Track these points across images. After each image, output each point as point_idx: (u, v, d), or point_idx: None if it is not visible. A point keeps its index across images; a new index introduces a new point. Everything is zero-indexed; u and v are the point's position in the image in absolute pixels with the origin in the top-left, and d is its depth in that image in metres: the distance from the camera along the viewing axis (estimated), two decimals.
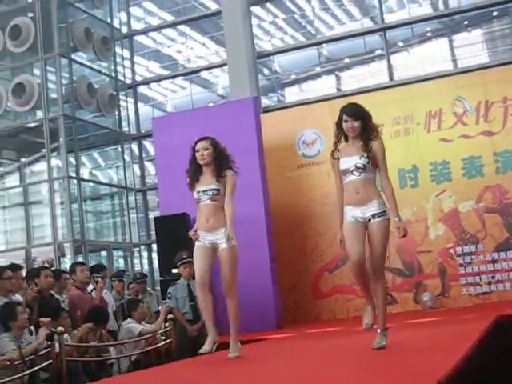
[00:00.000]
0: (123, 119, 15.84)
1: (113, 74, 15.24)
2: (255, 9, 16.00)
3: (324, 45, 16.30)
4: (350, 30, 15.93)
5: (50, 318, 6.30)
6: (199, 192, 6.29)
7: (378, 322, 5.37)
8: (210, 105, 17.94)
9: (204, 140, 6.43)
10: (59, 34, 13.23)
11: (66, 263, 14.28)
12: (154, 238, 12.93)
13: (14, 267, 7.21)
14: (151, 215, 16.49)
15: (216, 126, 11.08)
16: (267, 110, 14.12)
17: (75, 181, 14.03)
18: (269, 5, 16.31)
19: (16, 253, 14.74)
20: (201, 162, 6.32)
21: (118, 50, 15.85)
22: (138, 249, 16.22)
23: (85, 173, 16.58)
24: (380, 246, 5.58)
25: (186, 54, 18.37)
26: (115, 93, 14.67)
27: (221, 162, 6.36)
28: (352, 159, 5.70)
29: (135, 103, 16.66)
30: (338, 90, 16.16)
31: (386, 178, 5.76)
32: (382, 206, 5.66)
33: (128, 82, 16.32)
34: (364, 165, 5.67)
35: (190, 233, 6.33)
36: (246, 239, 9.80)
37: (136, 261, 16.32)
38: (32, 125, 13.95)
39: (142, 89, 17.38)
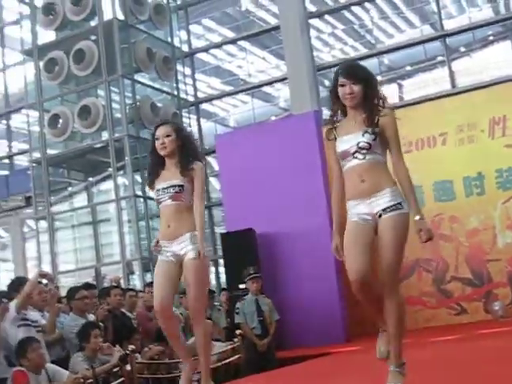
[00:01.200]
0: None
1: (175, 93, 15.43)
2: (314, 21, 16.02)
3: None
4: (410, 37, 15.79)
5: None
6: (159, 190, 5.30)
7: (391, 355, 4.13)
8: (273, 118, 18.00)
9: (165, 125, 5.46)
10: (121, 55, 13.49)
11: (135, 280, 14.51)
12: (220, 253, 13.01)
13: (88, 286, 7.40)
14: (217, 230, 16.62)
15: (277, 141, 11.20)
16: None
17: (142, 199, 14.24)
18: (327, 16, 16.31)
19: (86, 271, 15.07)
20: (161, 152, 5.35)
21: (179, 67, 16.04)
22: None
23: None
24: (393, 251, 4.31)
25: (246, 69, 18.48)
26: (178, 111, 14.86)
27: (187, 151, 5.41)
28: (353, 137, 4.46)
29: (198, 120, 16.82)
30: (401, 98, 16.03)
31: (400, 162, 4.49)
32: (398, 197, 4.39)
33: (190, 99, 16.50)
34: (369, 143, 4.42)
35: (152, 245, 5.37)
36: (312, 253, 9.86)
37: None
38: (98, 145, 14.21)
39: (204, 105, 17.55)
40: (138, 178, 14.47)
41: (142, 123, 13.78)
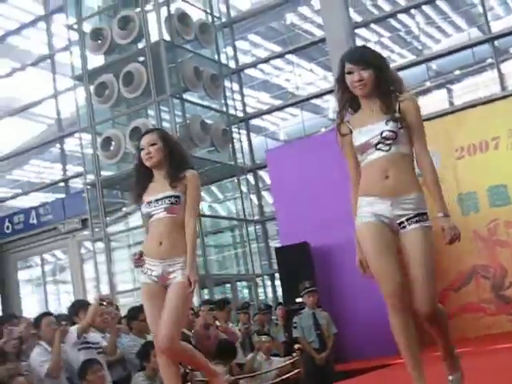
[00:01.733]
0: (237, 151, 16.10)
1: (224, 109, 15.53)
2: (359, 30, 15.99)
3: None
4: (457, 42, 15.64)
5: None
6: (151, 202, 4.75)
7: (447, 366, 3.93)
8: (323, 130, 17.99)
9: (149, 133, 4.95)
10: (169, 75, 13.63)
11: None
12: (275, 267, 13.02)
13: None
14: (272, 244, 16.63)
15: (328, 153, 11.13)
16: None
17: None
18: (373, 25, 16.27)
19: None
20: (147, 163, 4.80)
21: (227, 84, 16.15)
22: (261, 279, 16.36)
23: (204, 206, 16.91)
24: (427, 269, 3.79)
25: (294, 82, 18.52)
26: (228, 127, 14.94)
27: (176, 159, 4.88)
28: (374, 127, 3.92)
29: (248, 135, 16.90)
30: (451, 103, 15.87)
31: (424, 152, 3.96)
32: (423, 205, 3.88)
33: (240, 115, 16.59)
34: (395, 132, 3.88)
35: (134, 258, 4.74)
36: None
37: (260, 290, 16.47)
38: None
39: (253, 120, 17.63)
40: None
41: (193, 141, 13.89)
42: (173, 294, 4.61)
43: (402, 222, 3.84)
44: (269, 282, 16.59)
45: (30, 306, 18.40)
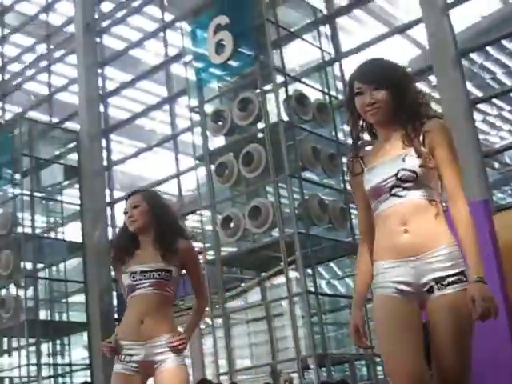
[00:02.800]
0: (355, 228, 16.06)
1: (342, 188, 15.59)
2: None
3: None
4: None
5: None
6: (134, 274, 4.10)
7: None
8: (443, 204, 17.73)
9: (133, 194, 4.34)
10: (288, 155, 13.86)
11: (310, 374, 14.47)
12: None
13: None
14: None
15: None
16: (502, 207, 13.64)
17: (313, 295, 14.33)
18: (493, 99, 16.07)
19: (261, 369, 15.28)
20: (130, 228, 4.22)
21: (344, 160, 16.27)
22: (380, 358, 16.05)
23: (322, 283, 16.90)
24: (456, 351, 2.91)
25: None
26: (345, 206, 14.99)
27: (164, 224, 4.24)
28: (388, 166, 3.16)
29: None
30: None
31: (458, 200, 3.11)
32: (458, 259, 3.05)
33: None
34: (414, 172, 3.09)
35: (103, 344, 4.09)
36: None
37: (379, 368, 16.15)
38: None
39: None
40: (309, 270, 14.62)
41: (311, 219, 13.99)
42: (168, 381, 4.00)
43: (431, 286, 3.02)
44: None
45: None
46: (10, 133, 18.14)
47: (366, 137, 3.48)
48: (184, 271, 4.38)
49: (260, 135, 14.36)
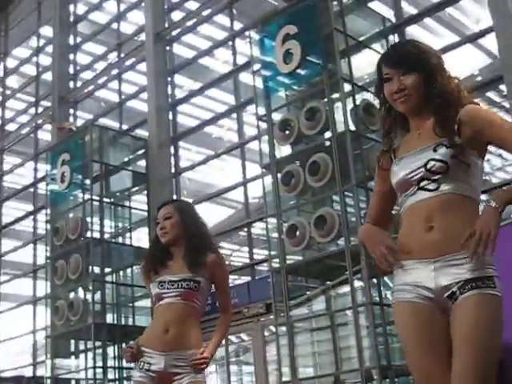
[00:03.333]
0: None
1: None
2: None
3: None
4: None
5: None
6: (163, 282, 4.15)
7: None
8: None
9: (166, 205, 4.38)
10: (354, 164, 13.81)
11: None
12: None
13: None
14: None
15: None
16: None
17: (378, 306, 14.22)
18: None
19: (325, 379, 15.22)
20: (162, 240, 4.28)
21: None
22: None
23: (388, 293, 16.73)
24: (479, 360, 2.52)
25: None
26: None
27: (195, 237, 4.26)
28: (416, 156, 2.95)
29: None
30: None
31: None
32: (485, 266, 2.75)
33: None
34: (445, 163, 2.82)
35: (125, 349, 4.05)
36: None
37: None
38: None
39: None
40: (374, 281, 14.53)
41: None
42: None
43: (453, 293, 2.73)
44: None
45: None
46: (81, 139, 18.49)
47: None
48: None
49: (327, 144, 14.31)
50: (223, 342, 4.57)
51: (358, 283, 14.73)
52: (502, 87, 14.96)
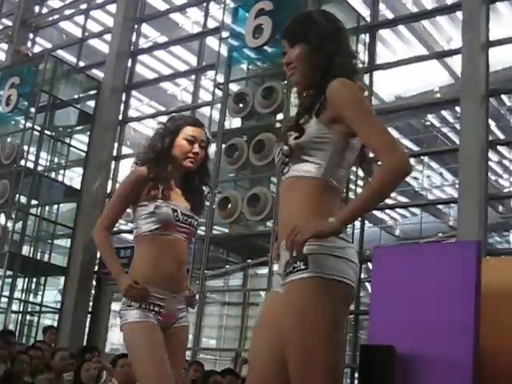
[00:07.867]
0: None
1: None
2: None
3: None
4: None
5: None
6: (176, 211, 3.63)
7: None
8: (440, 235, 17.76)
9: (203, 127, 3.90)
10: None
11: None
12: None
13: None
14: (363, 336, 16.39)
15: (435, 265, 10.94)
16: (494, 253, 13.63)
17: None
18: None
19: (226, 353, 15.38)
20: (187, 164, 3.75)
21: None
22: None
23: None
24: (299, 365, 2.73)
25: (421, 182, 18.47)
26: None
27: (206, 173, 4.04)
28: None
29: (362, 225, 16.89)
30: None
31: (387, 162, 2.60)
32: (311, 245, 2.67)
33: None
34: (288, 145, 2.83)
35: (132, 286, 3.44)
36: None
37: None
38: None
39: (374, 211, 17.63)
40: None
41: None
42: (185, 341, 3.79)
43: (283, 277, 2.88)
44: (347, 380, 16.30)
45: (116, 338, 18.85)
46: (34, 66, 18.13)
47: None
48: None
49: (277, 126, 14.33)
50: None
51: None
52: (457, 109, 15.19)
